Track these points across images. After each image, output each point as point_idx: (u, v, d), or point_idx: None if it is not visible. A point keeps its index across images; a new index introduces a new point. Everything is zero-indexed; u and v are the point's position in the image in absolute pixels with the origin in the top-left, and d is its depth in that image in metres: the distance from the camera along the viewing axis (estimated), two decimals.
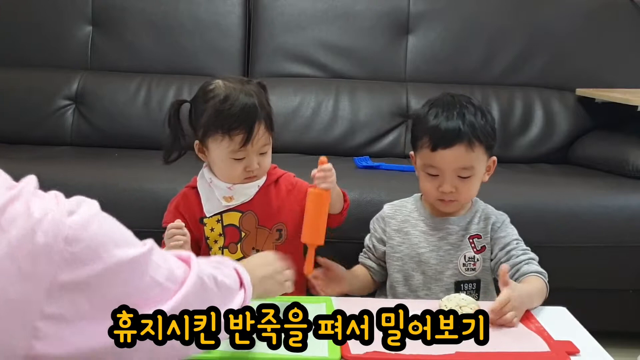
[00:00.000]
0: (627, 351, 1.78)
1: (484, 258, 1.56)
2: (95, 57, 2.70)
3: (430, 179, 1.52)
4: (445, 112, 1.49)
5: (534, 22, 2.72)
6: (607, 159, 2.35)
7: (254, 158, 1.45)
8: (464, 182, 1.50)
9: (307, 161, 2.36)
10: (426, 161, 1.51)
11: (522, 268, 1.48)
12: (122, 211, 2.00)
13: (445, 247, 1.56)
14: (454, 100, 1.52)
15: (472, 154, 1.48)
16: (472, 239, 1.56)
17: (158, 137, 2.60)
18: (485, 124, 1.50)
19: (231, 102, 1.42)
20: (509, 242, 1.54)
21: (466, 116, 1.48)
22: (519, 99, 2.65)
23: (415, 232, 1.58)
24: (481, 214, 1.58)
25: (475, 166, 1.50)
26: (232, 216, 1.50)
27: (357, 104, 2.61)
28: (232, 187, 1.48)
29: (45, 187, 2.24)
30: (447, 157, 1.47)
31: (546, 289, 1.45)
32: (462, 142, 1.46)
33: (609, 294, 2.08)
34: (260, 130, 1.43)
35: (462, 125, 1.47)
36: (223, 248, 1.50)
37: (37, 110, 2.57)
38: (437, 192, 1.51)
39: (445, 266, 1.55)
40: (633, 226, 2.00)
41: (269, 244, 1.51)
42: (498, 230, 1.56)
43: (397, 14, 2.71)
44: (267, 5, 2.72)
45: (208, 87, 1.47)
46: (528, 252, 1.53)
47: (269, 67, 2.64)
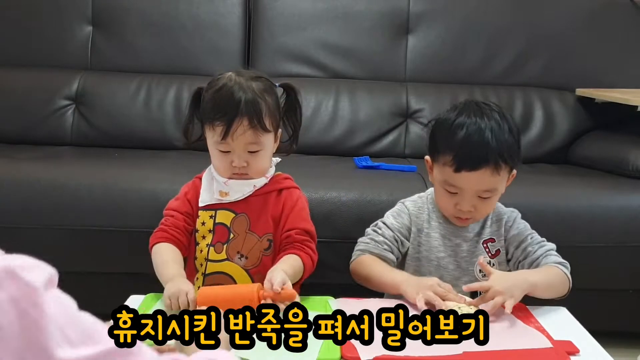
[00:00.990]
0: (627, 351, 1.78)
1: (499, 262, 1.51)
2: (96, 57, 2.70)
3: (449, 196, 1.44)
4: (474, 127, 1.38)
5: (534, 22, 2.73)
6: (607, 159, 2.35)
7: (240, 154, 1.42)
8: (483, 202, 1.43)
9: (307, 161, 2.37)
10: (447, 179, 1.42)
11: (540, 263, 1.45)
12: (122, 211, 2.04)
13: (462, 253, 1.51)
14: (481, 112, 1.40)
15: (497, 177, 1.39)
16: (486, 243, 1.51)
17: (158, 137, 2.62)
18: (514, 142, 1.41)
19: (221, 93, 1.42)
20: (523, 239, 1.49)
21: (495, 135, 1.37)
22: (518, 99, 2.65)
23: (435, 235, 1.52)
24: (493, 216, 1.53)
25: (498, 188, 1.42)
26: (225, 215, 1.49)
27: (357, 104, 2.61)
28: (228, 183, 1.47)
29: (45, 187, 2.24)
30: (471, 180, 1.38)
31: (566, 278, 1.42)
32: (489, 166, 1.37)
33: (609, 294, 2.08)
34: (242, 127, 1.39)
35: (490, 147, 1.36)
36: (210, 245, 1.48)
37: (38, 110, 2.57)
38: (454, 210, 1.45)
39: (462, 273, 1.51)
40: (633, 226, 2.00)
41: (255, 252, 1.48)
42: (510, 229, 1.51)
43: (397, 14, 2.71)
44: (267, 5, 2.73)
45: (217, 76, 1.47)
46: (544, 244, 1.48)
47: (269, 67, 2.64)
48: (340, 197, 1.97)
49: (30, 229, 1.96)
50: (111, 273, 2.05)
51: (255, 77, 1.47)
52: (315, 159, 2.42)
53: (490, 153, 1.37)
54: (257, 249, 1.48)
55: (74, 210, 1.97)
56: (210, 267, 1.47)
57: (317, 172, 2.13)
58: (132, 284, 1.52)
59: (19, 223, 1.96)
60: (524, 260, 1.48)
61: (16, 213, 1.97)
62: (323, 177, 2.09)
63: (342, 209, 1.95)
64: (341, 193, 1.98)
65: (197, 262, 1.50)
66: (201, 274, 1.49)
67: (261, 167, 1.47)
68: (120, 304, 1.39)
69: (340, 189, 1.99)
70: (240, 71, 1.48)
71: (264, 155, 1.46)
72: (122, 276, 2.02)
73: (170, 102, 2.60)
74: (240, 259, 1.48)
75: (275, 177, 1.53)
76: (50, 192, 1.99)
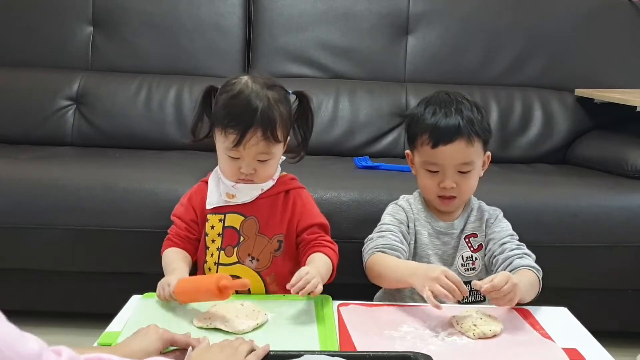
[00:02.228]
0: (627, 351, 1.79)
1: (481, 256, 1.57)
2: (96, 57, 2.70)
3: (431, 176, 1.53)
4: (444, 109, 1.51)
5: (534, 22, 2.73)
6: (606, 159, 2.35)
7: (250, 162, 1.43)
8: (464, 178, 1.51)
9: (307, 161, 2.37)
10: (426, 158, 1.52)
11: (514, 261, 1.48)
12: (122, 211, 2.03)
13: (449, 250, 1.58)
14: (449, 98, 1.54)
15: (472, 148, 1.49)
16: (468, 238, 1.57)
17: (158, 137, 2.63)
18: (482, 119, 1.53)
19: (237, 101, 1.41)
20: (503, 237, 1.55)
21: (464, 112, 1.50)
22: (518, 99, 2.65)
23: (424, 233, 1.58)
24: (476, 212, 1.60)
25: (475, 160, 1.52)
26: (234, 218, 1.50)
27: (357, 104, 2.62)
28: (236, 186, 1.48)
29: (45, 187, 2.24)
30: (448, 152, 1.49)
31: (539, 284, 1.45)
32: (463, 137, 1.48)
33: (609, 294, 2.08)
34: (255, 137, 1.39)
35: (461, 120, 1.49)
36: (220, 249, 1.50)
37: (38, 110, 2.58)
38: (437, 189, 1.52)
39: (449, 269, 1.51)
40: (632, 226, 2.00)
41: (266, 253, 1.50)
42: (492, 225, 1.58)
43: (396, 14, 2.72)
44: (267, 5, 2.73)
45: (232, 80, 1.46)
46: (522, 247, 1.53)
47: (269, 67, 2.64)
48: (340, 197, 1.97)
49: (30, 229, 1.96)
50: (111, 273, 2.05)
51: (271, 85, 1.46)
52: (315, 159, 2.42)
53: (462, 126, 1.49)
54: (267, 250, 1.49)
55: (74, 210, 1.97)
56: (222, 271, 1.48)
57: (317, 172, 2.13)
58: (132, 284, 1.53)
59: (19, 223, 1.97)
60: (499, 255, 1.51)
61: (16, 213, 1.97)
62: (323, 177, 2.09)
63: (342, 209, 1.95)
64: (341, 193, 1.98)
65: (205, 267, 1.51)
66: None
67: (268, 174, 1.49)
68: (121, 304, 1.40)
69: (340, 189, 1.99)
70: (255, 77, 1.47)
71: (273, 164, 1.48)
72: (123, 276, 2.02)
73: (170, 102, 2.60)
74: (252, 261, 1.49)
75: (281, 178, 1.54)
76: (51, 192, 1.99)
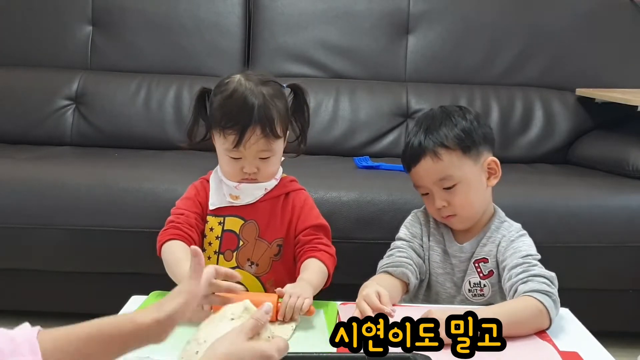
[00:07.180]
0: (627, 351, 1.78)
1: (491, 283, 1.46)
2: (96, 57, 2.70)
3: (426, 199, 1.49)
4: (415, 129, 1.48)
5: (534, 22, 2.73)
6: (607, 159, 2.35)
7: (252, 161, 1.41)
8: (453, 194, 1.43)
9: (307, 161, 2.37)
10: (413, 182, 1.50)
11: (518, 287, 1.32)
12: (122, 211, 2.03)
13: (457, 274, 1.49)
14: (429, 115, 1.50)
15: (441, 162, 1.42)
16: (478, 263, 1.47)
17: (158, 137, 2.62)
18: (454, 127, 1.43)
19: (232, 101, 1.39)
20: (513, 261, 1.39)
21: (430, 128, 1.44)
22: (519, 99, 2.65)
23: (438, 250, 1.51)
24: (491, 235, 1.47)
25: (454, 174, 1.42)
26: (234, 222, 1.47)
27: (357, 104, 2.61)
28: (239, 187, 1.46)
29: (45, 187, 2.24)
30: (419, 173, 1.46)
31: (539, 310, 1.26)
32: (426, 155, 1.43)
33: (609, 294, 2.08)
34: (255, 136, 1.37)
35: (423, 139, 1.44)
36: (219, 253, 1.47)
37: (37, 110, 2.58)
38: (436, 211, 1.47)
39: (457, 291, 1.49)
40: (633, 226, 2.00)
41: (265, 258, 1.47)
42: (505, 250, 1.43)
43: (397, 14, 2.72)
44: (267, 5, 2.73)
45: (225, 79, 1.44)
46: (531, 269, 1.34)
47: (269, 67, 2.64)
48: (340, 197, 1.97)
49: (30, 229, 1.96)
50: (111, 273, 2.05)
51: (265, 80, 1.44)
52: (315, 159, 2.42)
53: (423, 144, 1.44)
54: (267, 255, 1.47)
55: (74, 210, 1.97)
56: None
57: (317, 172, 2.12)
58: (132, 284, 1.53)
59: (19, 223, 1.96)
60: (507, 283, 1.37)
61: (16, 213, 1.97)
62: (323, 177, 2.09)
63: (342, 209, 1.95)
64: (341, 193, 1.98)
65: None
66: None
67: (271, 171, 1.47)
68: (121, 304, 1.40)
69: (340, 189, 1.99)
70: (248, 74, 1.44)
71: (275, 161, 1.46)
72: (123, 276, 2.02)
73: (170, 102, 2.60)
74: (251, 266, 1.47)
75: (282, 180, 1.52)
76: (50, 192, 1.99)
